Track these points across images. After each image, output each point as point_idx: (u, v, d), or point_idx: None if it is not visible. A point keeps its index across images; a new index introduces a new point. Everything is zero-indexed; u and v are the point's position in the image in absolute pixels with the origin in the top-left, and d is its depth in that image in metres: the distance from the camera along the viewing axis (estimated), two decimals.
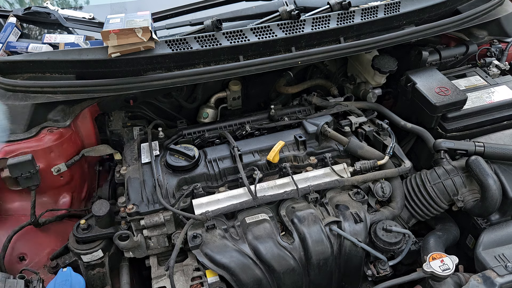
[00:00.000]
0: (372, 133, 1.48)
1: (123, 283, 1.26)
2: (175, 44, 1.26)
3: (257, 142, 1.41)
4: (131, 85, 1.25)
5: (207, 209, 1.20)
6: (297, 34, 1.35)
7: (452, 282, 1.14)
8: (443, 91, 1.45)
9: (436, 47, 1.66)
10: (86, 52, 1.23)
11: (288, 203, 1.28)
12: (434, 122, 1.46)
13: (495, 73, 1.63)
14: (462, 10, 1.56)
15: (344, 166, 1.35)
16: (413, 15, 1.49)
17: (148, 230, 1.21)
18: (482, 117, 1.47)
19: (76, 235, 1.21)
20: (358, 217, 1.24)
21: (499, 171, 1.32)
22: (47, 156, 1.34)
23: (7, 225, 1.31)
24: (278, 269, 1.16)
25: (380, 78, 1.66)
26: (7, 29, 1.38)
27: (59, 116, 1.32)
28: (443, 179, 1.33)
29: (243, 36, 1.31)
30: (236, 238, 1.19)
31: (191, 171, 1.30)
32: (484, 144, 1.34)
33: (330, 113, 1.54)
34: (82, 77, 1.25)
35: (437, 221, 1.43)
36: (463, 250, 1.41)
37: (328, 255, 1.20)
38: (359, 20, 1.41)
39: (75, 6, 1.77)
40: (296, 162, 1.37)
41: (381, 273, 1.25)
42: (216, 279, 1.14)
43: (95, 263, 1.24)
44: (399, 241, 1.24)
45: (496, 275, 1.12)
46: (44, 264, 1.27)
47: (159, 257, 1.28)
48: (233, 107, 1.71)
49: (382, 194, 1.33)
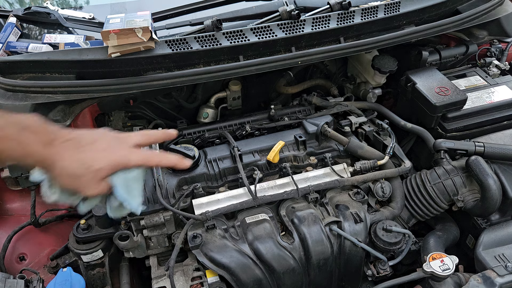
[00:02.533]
0: (372, 133, 1.48)
1: (123, 283, 1.26)
2: (175, 44, 1.26)
3: (257, 142, 1.41)
4: (131, 85, 1.25)
5: (207, 209, 1.20)
6: (297, 34, 1.35)
7: (452, 282, 1.14)
8: (443, 91, 1.45)
9: (436, 47, 1.66)
10: (86, 52, 1.23)
11: (288, 203, 1.28)
12: (434, 122, 1.46)
13: (495, 73, 1.63)
14: (462, 10, 1.56)
15: (344, 166, 1.35)
16: (413, 15, 1.49)
17: (148, 230, 1.21)
18: (482, 117, 1.47)
19: (76, 235, 1.21)
20: (358, 217, 1.24)
21: (499, 171, 1.32)
22: None
23: (7, 225, 1.31)
24: (278, 269, 1.16)
25: (380, 78, 1.66)
26: (7, 29, 1.38)
27: (59, 116, 1.31)
28: (443, 179, 1.33)
29: (243, 36, 1.31)
30: (236, 238, 1.20)
31: (191, 171, 1.30)
32: (484, 144, 1.34)
33: (330, 113, 1.54)
34: (82, 77, 1.25)
35: (437, 221, 1.43)
36: (463, 250, 1.40)
37: (328, 255, 1.20)
38: (359, 20, 1.41)
39: (75, 6, 1.77)
40: (296, 162, 1.37)
41: (381, 273, 1.25)
42: (216, 279, 1.14)
43: (95, 263, 1.24)
44: (399, 241, 1.24)
45: (496, 275, 1.12)
46: (44, 264, 1.27)
47: (159, 257, 1.28)
48: (233, 107, 1.71)
49: (382, 194, 1.33)
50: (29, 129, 0.81)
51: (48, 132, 0.84)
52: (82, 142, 0.86)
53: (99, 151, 0.87)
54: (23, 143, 0.80)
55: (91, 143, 0.87)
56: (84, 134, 0.88)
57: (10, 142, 0.79)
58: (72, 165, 0.84)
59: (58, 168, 0.84)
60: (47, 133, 0.83)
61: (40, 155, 0.82)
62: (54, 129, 0.85)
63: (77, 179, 0.86)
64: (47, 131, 0.84)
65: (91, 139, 0.87)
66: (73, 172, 0.84)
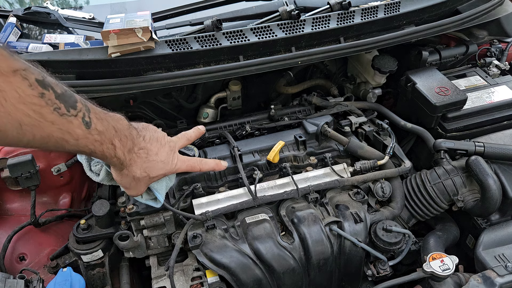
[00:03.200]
0: (372, 133, 1.48)
1: (123, 283, 1.26)
2: (175, 44, 1.26)
3: (257, 142, 1.41)
4: (131, 85, 1.25)
5: (207, 209, 1.20)
6: (297, 34, 1.35)
7: (452, 282, 1.14)
8: (443, 91, 1.45)
9: (436, 47, 1.66)
10: (86, 52, 1.23)
11: (288, 203, 1.28)
12: (434, 122, 1.46)
13: (495, 73, 1.63)
14: (462, 10, 1.56)
15: (344, 166, 1.35)
16: (413, 15, 1.49)
17: (148, 230, 1.21)
18: (482, 117, 1.47)
19: (76, 235, 1.21)
20: (358, 217, 1.24)
21: (499, 171, 1.32)
22: (47, 156, 1.34)
23: (7, 225, 1.31)
24: (278, 269, 1.16)
25: (380, 78, 1.66)
26: (7, 29, 1.38)
27: None
28: (443, 179, 1.33)
29: (243, 36, 1.31)
30: (236, 238, 1.20)
31: (191, 171, 1.29)
32: (484, 144, 1.34)
33: (330, 113, 1.54)
34: (82, 77, 1.25)
35: (437, 221, 1.43)
36: (463, 250, 1.41)
37: (328, 255, 1.20)
38: (359, 20, 1.41)
39: (75, 6, 1.77)
40: (296, 162, 1.37)
41: (381, 273, 1.25)
42: (216, 279, 1.14)
43: (95, 263, 1.24)
44: (399, 241, 1.24)
45: (496, 275, 1.12)
46: (44, 264, 1.27)
47: (159, 257, 1.28)
48: (233, 107, 1.71)
49: (382, 194, 1.33)
50: (120, 133, 0.90)
51: (132, 137, 0.94)
52: (150, 152, 0.98)
53: (159, 162, 1.00)
54: (116, 147, 0.89)
55: (155, 154, 0.99)
56: (152, 143, 0.99)
57: (106, 145, 0.87)
58: (139, 171, 0.97)
59: (127, 170, 0.96)
60: (131, 139, 0.94)
61: (121, 159, 0.92)
62: (134, 134, 0.95)
63: (136, 181, 1.00)
64: (131, 137, 0.94)
65: (156, 150, 1.00)
66: (137, 177, 0.98)
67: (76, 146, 0.82)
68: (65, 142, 0.79)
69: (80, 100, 0.82)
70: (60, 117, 0.76)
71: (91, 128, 0.82)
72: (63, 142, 0.79)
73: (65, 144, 0.80)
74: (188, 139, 1.14)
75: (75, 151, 0.85)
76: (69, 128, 0.78)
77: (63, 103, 0.76)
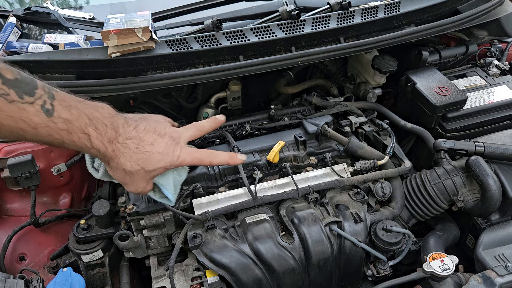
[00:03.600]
0: (372, 133, 1.48)
1: (123, 283, 1.26)
2: (175, 44, 1.26)
3: (257, 142, 1.41)
4: (131, 85, 1.25)
5: (207, 209, 1.20)
6: (297, 34, 1.35)
7: (452, 282, 1.14)
8: (443, 91, 1.45)
9: (436, 47, 1.66)
10: (86, 52, 1.23)
11: (288, 203, 1.28)
12: (434, 122, 1.46)
13: (495, 73, 1.63)
14: (462, 10, 1.56)
15: (344, 166, 1.35)
16: (413, 15, 1.49)
17: (148, 230, 1.21)
18: (482, 117, 1.47)
19: (76, 235, 1.21)
20: (358, 217, 1.24)
21: (499, 171, 1.32)
22: (47, 156, 1.34)
23: (7, 225, 1.31)
24: (278, 269, 1.16)
25: (380, 78, 1.66)
26: (7, 29, 1.38)
27: None
28: (443, 179, 1.33)
29: (243, 36, 1.31)
30: (236, 238, 1.20)
31: (191, 171, 1.29)
32: (484, 144, 1.34)
33: (330, 113, 1.54)
34: (82, 77, 1.25)
35: (437, 221, 1.43)
36: (463, 250, 1.41)
37: (328, 255, 1.20)
38: (359, 20, 1.41)
39: (75, 6, 1.77)
40: (296, 162, 1.37)
41: (381, 273, 1.25)
42: (216, 279, 1.14)
43: (95, 263, 1.24)
44: (399, 241, 1.24)
45: (496, 275, 1.12)
46: (44, 264, 1.27)
47: (159, 257, 1.28)
48: (233, 107, 1.71)
49: (382, 194, 1.33)
50: (96, 121, 0.83)
51: (114, 126, 0.86)
52: (142, 143, 0.89)
53: (155, 154, 0.90)
54: (90, 136, 0.82)
55: (150, 144, 0.90)
56: (147, 134, 0.91)
57: (77, 135, 0.80)
58: (129, 163, 0.89)
59: (115, 163, 0.89)
60: (113, 128, 0.86)
61: (101, 150, 0.85)
62: (119, 123, 0.87)
63: (129, 176, 0.91)
64: (114, 126, 0.86)
65: (152, 140, 0.90)
66: (128, 170, 0.89)
67: (36, 135, 0.77)
68: (21, 130, 0.75)
69: (43, 86, 0.77)
70: (8, 104, 0.71)
71: (53, 116, 0.76)
72: (18, 131, 0.75)
73: (22, 133, 0.75)
74: (198, 129, 1.02)
75: (41, 141, 0.80)
76: (23, 115, 0.73)
77: (13, 89, 0.72)
